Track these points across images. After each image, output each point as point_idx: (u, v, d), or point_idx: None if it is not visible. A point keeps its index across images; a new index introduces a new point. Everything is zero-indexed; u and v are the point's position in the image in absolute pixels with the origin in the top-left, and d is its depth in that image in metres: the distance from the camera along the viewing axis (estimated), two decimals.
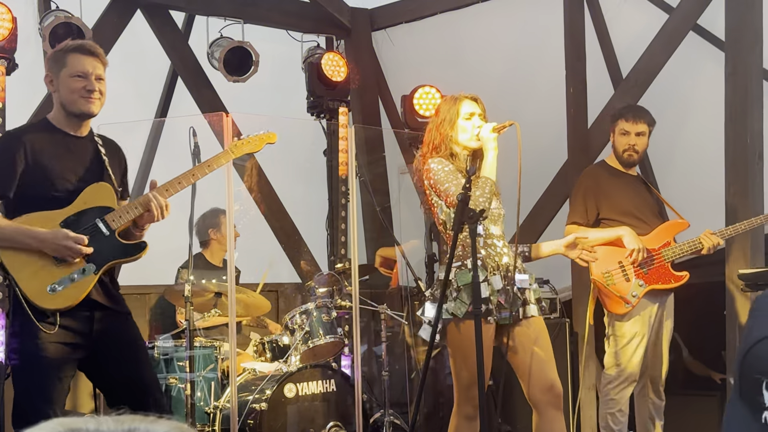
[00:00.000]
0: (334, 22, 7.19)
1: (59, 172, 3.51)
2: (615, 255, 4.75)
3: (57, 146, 3.55)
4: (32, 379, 3.38)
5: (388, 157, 7.33)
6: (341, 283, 5.66)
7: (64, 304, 3.42)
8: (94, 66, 3.56)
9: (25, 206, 3.46)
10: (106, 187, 3.61)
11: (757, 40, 5.40)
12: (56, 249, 3.40)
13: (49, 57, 3.71)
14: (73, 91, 3.52)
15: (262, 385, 4.95)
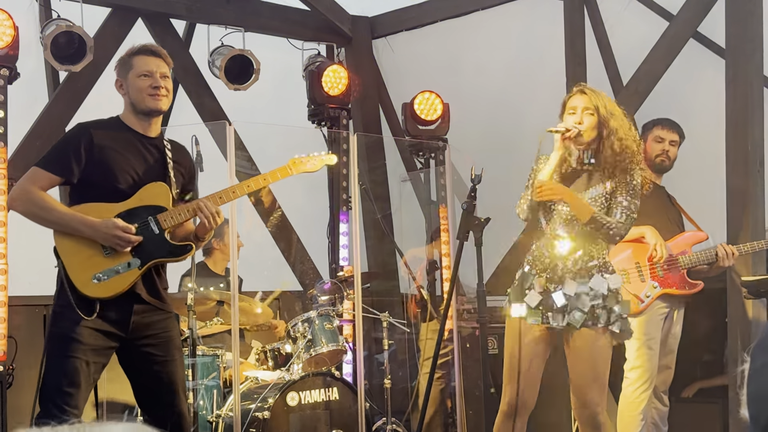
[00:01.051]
0: (334, 30, 7.21)
1: (122, 165, 3.67)
2: (635, 255, 4.78)
3: (124, 142, 3.72)
4: (60, 359, 3.50)
5: (388, 164, 7.33)
6: (343, 291, 5.66)
7: (105, 294, 3.55)
8: (158, 65, 3.77)
9: (87, 195, 3.64)
10: (164, 188, 3.77)
11: (757, 47, 5.42)
12: (106, 237, 3.55)
13: (117, 64, 3.87)
14: (140, 89, 3.71)
15: (265, 394, 4.94)
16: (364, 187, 5.80)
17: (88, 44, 5.66)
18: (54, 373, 3.52)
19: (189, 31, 7.02)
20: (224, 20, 6.68)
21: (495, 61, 6.97)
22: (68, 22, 5.72)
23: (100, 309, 3.55)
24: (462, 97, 6.83)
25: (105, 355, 3.63)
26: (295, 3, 6.95)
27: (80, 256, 3.56)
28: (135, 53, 3.79)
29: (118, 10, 6.35)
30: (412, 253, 6.66)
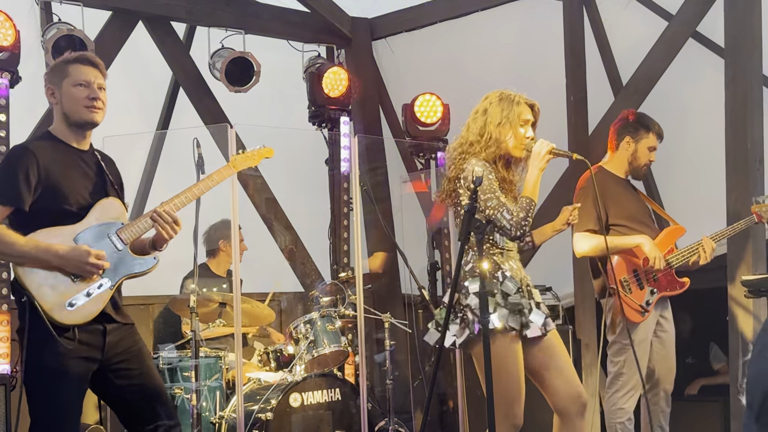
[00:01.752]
0: (334, 32, 7.22)
1: (70, 186, 3.50)
2: (629, 263, 4.72)
3: (66, 160, 3.54)
4: (52, 396, 3.37)
5: (389, 165, 7.35)
6: (344, 292, 5.67)
7: (83, 319, 3.41)
8: (96, 75, 3.58)
9: (37, 221, 3.42)
10: (116, 202, 3.64)
11: (756, 46, 5.43)
12: (78, 266, 3.39)
13: (49, 69, 3.71)
14: (76, 100, 3.53)
15: (267, 395, 4.96)
16: (365, 188, 5.80)
17: (89, 48, 5.68)
18: (48, 411, 3.37)
19: (189, 33, 7.04)
20: (224, 22, 6.69)
21: (494, 61, 6.98)
22: (69, 26, 5.74)
23: (79, 335, 3.41)
24: (462, 98, 6.81)
25: (87, 380, 3.49)
26: (294, 5, 6.96)
27: (48, 284, 3.38)
28: (71, 61, 3.59)
29: (119, 14, 6.36)
30: None
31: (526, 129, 3.82)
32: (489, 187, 3.68)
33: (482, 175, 3.61)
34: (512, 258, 3.83)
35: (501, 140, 3.79)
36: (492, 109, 3.85)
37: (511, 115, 3.79)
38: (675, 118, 6.35)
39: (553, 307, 5.86)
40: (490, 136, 3.80)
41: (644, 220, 4.87)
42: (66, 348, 3.34)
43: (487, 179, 3.68)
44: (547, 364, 3.78)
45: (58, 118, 3.60)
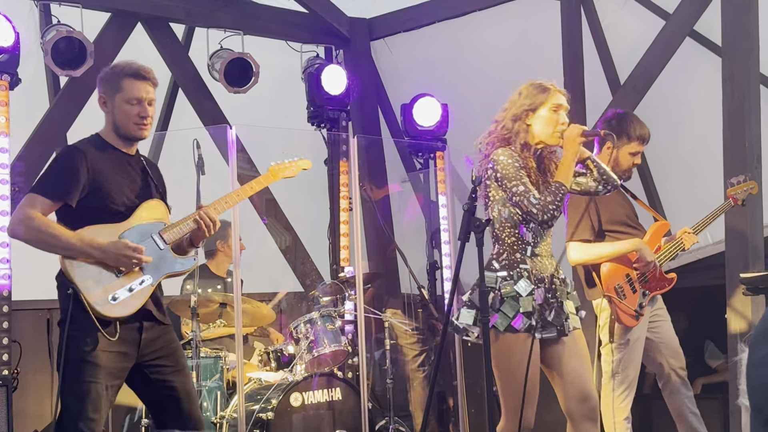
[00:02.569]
0: (333, 32, 7.24)
1: (117, 186, 3.67)
2: (620, 269, 4.71)
3: (113, 163, 3.70)
4: (83, 384, 3.47)
5: (388, 165, 7.36)
6: (344, 292, 5.69)
7: (124, 313, 3.56)
8: (147, 91, 3.73)
9: (84, 218, 3.58)
10: (161, 204, 3.82)
11: (753, 44, 5.45)
12: (117, 258, 3.54)
13: (103, 78, 3.79)
14: (128, 116, 3.68)
15: (268, 395, 4.98)
16: (365, 189, 5.82)
17: (89, 49, 5.69)
18: (77, 400, 3.48)
19: (188, 34, 7.05)
20: (223, 23, 6.71)
21: (493, 61, 7.00)
22: (68, 27, 5.75)
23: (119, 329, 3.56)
24: (460, 98, 6.86)
25: (121, 376, 3.62)
26: (293, 5, 6.98)
27: (93, 278, 3.55)
28: (126, 75, 3.72)
29: (118, 15, 6.38)
30: None
31: (558, 115, 3.73)
32: (515, 174, 3.60)
33: (481, 175, 3.61)
34: (539, 254, 3.72)
35: (522, 129, 3.70)
36: (518, 100, 3.79)
37: (536, 102, 3.71)
38: (672, 117, 6.38)
39: None
40: (511, 128, 3.74)
41: (633, 223, 4.85)
42: (107, 340, 3.49)
43: (513, 167, 3.61)
44: (559, 364, 3.72)
45: (108, 125, 3.76)
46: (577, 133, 3.65)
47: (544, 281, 3.66)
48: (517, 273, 3.64)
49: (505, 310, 3.58)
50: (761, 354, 1.19)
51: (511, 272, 3.64)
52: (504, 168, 3.62)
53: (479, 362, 5.16)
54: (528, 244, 3.68)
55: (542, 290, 3.64)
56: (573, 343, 3.75)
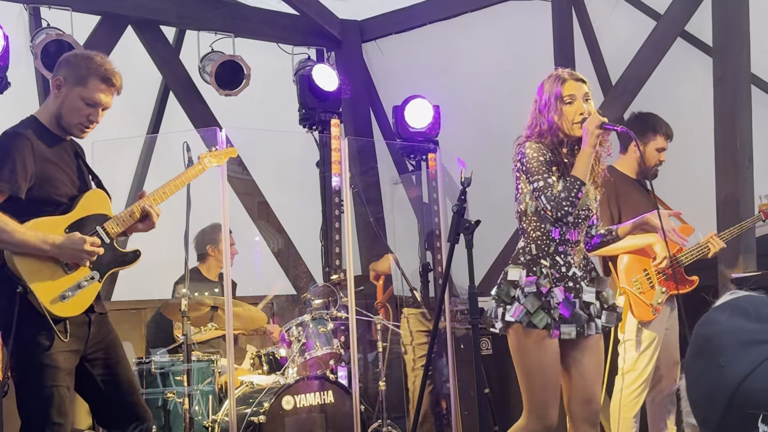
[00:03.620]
0: (324, 35, 7.23)
1: (59, 175, 3.48)
2: (639, 263, 4.74)
3: (54, 150, 3.49)
4: (45, 392, 3.32)
5: (380, 167, 7.35)
6: (337, 295, 5.67)
7: (75, 312, 3.42)
8: (108, 99, 3.54)
9: (28, 210, 3.37)
10: (102, 195, 3.64)
11: (744, 44, 5.45)
12: (73, 254, 3.39)
13: (69, 63, 3.56)
14: (77, 114, 3.49)
15: (260, 398, 4.95)
16: (356, 191, 5.81)
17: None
18: (41, 407, 3.31)
19: (179, 37, 7.04)
20: (214, 26, 6.70)
21: (484, 62, 7.00)
22: (58, 31, 5.74)
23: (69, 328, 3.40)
24: (452, 99, 6.86)
25: (73, 374, 3.45)
26: (284, 8, 6.97)
27: (44, 276, 3.35)
28: (95, 75, 3.50)
29: (108, 18, 6.36)
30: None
31: (575, 106, 3.62)
32: (537, 168, 3.54)
33: (471, 176, 3.58)
34: (566, 251, 3.62)
35: (552, 124, 3.61)
36: (537, 95, 3.73)
37: (554, 93, 3.62)
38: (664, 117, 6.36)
39: None
40: (536, 124, 3.67)
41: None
42: (60, 341, 3.32)
43: (537, 161, 3.54)
44: (573, 363, 3.66)
45: (51, 110, 3.53)
46: (596, 125, 3.52)
47: (565, 279, 3.57)
48: (539, 269, 3.56)
49: (526, 305, 3.51)
50: (697, 370, 1.27)
51: (534, 268, 3.56)
52: (529, 161, 3.56)
53: (471, 364, 5.16)
54: (553, 241, 3.60)
55: (562, 288, 3.55)
56: (589, 343, 3.67)
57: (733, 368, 1.17)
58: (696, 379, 1.25)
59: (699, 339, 1.27)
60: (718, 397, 1.18)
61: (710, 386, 1.20)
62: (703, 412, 1.22)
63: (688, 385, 1.27)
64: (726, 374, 1.18)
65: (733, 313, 1.24)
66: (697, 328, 1.28)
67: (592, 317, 3.63)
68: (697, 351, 1.26)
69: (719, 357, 1.20)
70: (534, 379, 3.52)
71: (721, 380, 1.18)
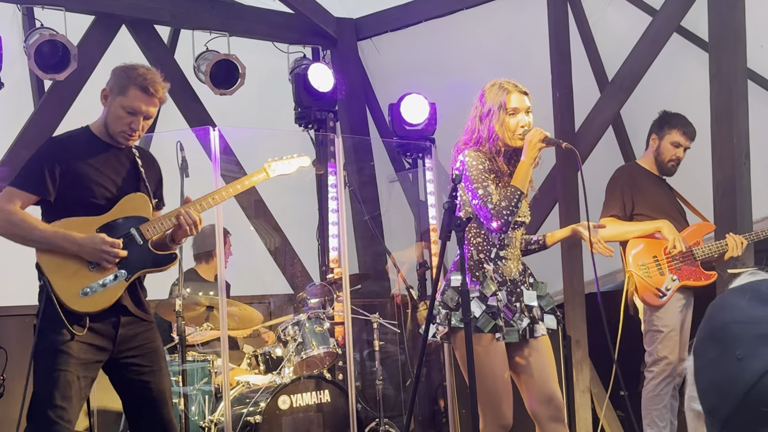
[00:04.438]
0: (319, 33, 7.21)
1: (98, 179, 3.61)
2: (651, 249, 4.86)
3: (97, 155, 3.65)
4: (51, 372, 3.42)
5: (376, 165, 7.34)
6: (333, 294, 5.66)
7: (94, 308, 3.51)
8: (149, 107, 3.65)
9: (64, 211, 3.56)
10: (143, 198, 3.73)
11: (740, 40, 5.43)
12: (93, 253, 3.51)
13: (115, 73, 3.71)
14: (119, 123, 3.62)
15: (256, 398, 4.94)
16: (352, 189, 5.80)
17: (72, 52, 5.66)
18: (45, 387, 3.43)
19: (173, 36, 7.01)
20: (208, 25, 6.67)
21: (480, 59, 6.98)
22: (52, 31, 5.71)
23: (90, 323, 3.51)
24: (448, 97, 6.83)
25: (94, 369, 3.56)
26: (279, 6, 6.94)
27: (66, 272, 3.51)
28: (135, 84, 3.62)
29: (102, 18, 6.33)
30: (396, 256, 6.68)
31: (518, 118, 3.66)
32: (477, 176, 3.59)
33: (461, 173, 3.58)
34: (505, 257, 3.70)
35: (492, 133, 3.66)
36: (479, 102, 3.76)
37: (496, 103, 3.66)
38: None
39: None
40: (476, 130, 3.70)
41: (671, 214, 4.99)
42: (73, 334, 3.44)
43: (476, 169, 3.60)
44: (523, 366, 3.70)
45: (100, 119, 3.70)
46: (538, 138, 3.59)
47: (507, 284, 3.65)
48: (482, 273, 3.62)
49: (472, 310, 3.53)
50: (710, 356, 1.19)
51: (477, 273, 3.62)
52: (469, 169, 3.60)
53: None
54: (494, 246, 3.67)
55: (504, 293, 3.63)
56: (538, 344, 3.73)
57: (750, 363, 1.12)
58: (707, 366, 1.19)
59: (715, 324, 1.21)
60: (732, 390, 1.13)
61: (724, 377, 1.15)
62: (713, 402, 1.17)
63: (698, 369, 1.21)
64: (743, 368, 1.13)
65: (753, 299, 1.17)
66: (712, 311, 1.22)
67: (536, 320, 3.69)
68: (711, 336, 1.20)
69: (736, 348, 1.15)
70: (485, 382, 3.53)
71: (737, 373, 1.13)
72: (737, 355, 1.14)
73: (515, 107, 3.66)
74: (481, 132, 3.68)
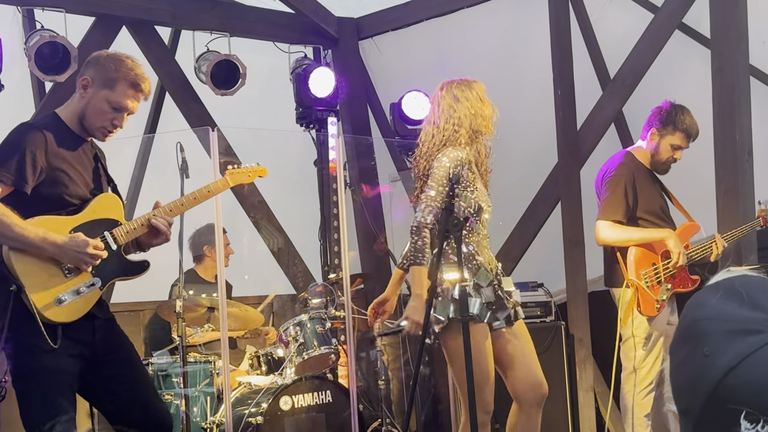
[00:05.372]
0: (320, 33, 7.19)
1: (73, 175, 3.37)
2: (648, 256, 4.71)
3: (71, 149, 3.40)
4: (49, 395, 3.22)
5: (379, 164, 7.32)
6: (335, 294, 5.65)
7: (69, 317, 3.27)
8: (134, 105, 3.47)
9: (34, 207, 3.26)
10: (115, 199, 3.54)
11: (742, 36, 5.40)
12: (74, 256, 3.25)
13: (99, 62, 3.46)
14: (101, 117, 3.40)
15: (258, 399, 4.93)
16: (353, 189, 5.79)
17: (72, 54, 5.65)
18: (47, 411, 3.21)
19: (174, 37, 7.00)
20: (209, 26, 6.66)
21: (481, 57, 6.96)
22: (52, 33, 5.71)
23: (65, 332, 3.26)
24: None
25: (77, 378, 3.35)
26: (280, 6, 6.93)
27: (41, 277, 3.21)
28: (125, 79, 3.41)
29: (102, 19, 6.32)
30: None
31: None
32: (440, 179, 3.67)
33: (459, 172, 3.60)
34: (486, 246, 3.86)
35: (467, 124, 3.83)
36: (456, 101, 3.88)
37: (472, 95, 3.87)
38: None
39: (545, 303, 5.84)
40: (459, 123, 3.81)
41: (666, 216, 4.88)
42: (52, 346, 3.18)
43: (441, 171, 3.69)
44: (509, 351, 3.80)
45: (74, 108, 3.45)
46: None
47: (493, 272, 3.78)
48: (474, 265, 3.71)
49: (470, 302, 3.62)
50: (681, 356, 1.16)
51: (469, 265, 3.70)
52: (437, 170, 3.69)
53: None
54: (485, 237, 3.83)
55: (492, 281, 3.76)
56: (517, 330, 3.84)
57: (717, 359, 1.09)
58: (679, 366, 1.16)
59: (686, 322, 1.18)
60: (699, 388, 1.09)
61: (693, 375, 1.11)
62: (685, 402, 1.14)
63: (672, 369, 1.18)
64: (709, 364, 1.09)
65: (724, 296, 1.14)
66: (685, 310, 1.19)
67: (515, 305, 3.83)
68: (682, 335, 1.18)
69: (704, 345, 1.11)
70: (480, 371, 3.58)
71: (704, 370, 1.10)
72: (704, 351, 1.11)
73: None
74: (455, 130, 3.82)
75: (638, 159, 4.90)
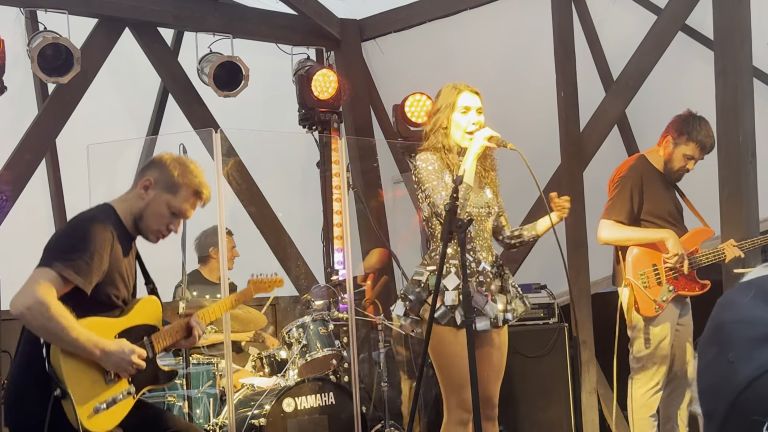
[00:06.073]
0: (323, 34, 7.19)
1: (123, 276, 3.28)
2: (650, 255, 4.70)
3: (126, 249, 3.31)
4: None
5: (381, 166, 7.32)
6: (338, 295, 5.64)
7: (107, 427, 3.12)
8: (192, 212, 3.41)
9: (90, 306, 3.12)
10: (157, 304, 3.47)
11: (745, 38, 5.40)
12: (118, 363, 3.11)
13: (162, 165, 3.38)
14: (159, 221, 3.33)
15: (261, 401, 4.93)
16: (356, 190, 5.78)
17: (75, 56, 5.65)
18: None
19: (177, 39, 7.00)
20: (212, 27, 6.66)
21: (484, 59, 6.96)
22: (55, 34, 5.70)
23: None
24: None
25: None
26: (282, 8, 6.93)
27: (84, 384, 3.04)
28: (190, 187, 3.34)
29: (105, 21, 6.32)
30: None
31: (468, 117, 3.75)
32: (427, 176, 3.69)
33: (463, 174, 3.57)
34: (474, 249, 3.73)
35: (439, 129, 3.76)
36: (436, 103, 3.86)
37: (447, 102, 3.75)
38: (666, 112, 6.27)
39: (548, 305, 5.84)
40: (430, 126, 3.81)
41: (673, 220, 4.86)
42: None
43: (426, 170, 3.70)
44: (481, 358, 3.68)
45: (131, 208, 3.34)
46: (483, 135, 3.64)
47: (476, 274, 3.68)
48: (446, 268, 3.63)
49: (430, 303, 3.59)
50: (709, 358, 1.12)
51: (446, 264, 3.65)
52: (419, 172, 3.72)
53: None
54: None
55: (475, 282, 3.66)
56: (498, 338, 3.80)
57: (740, 367, 1.04)
58: (706, 368, 1.11)
59: (714, 323, 1.13)
60: (723, 395, 1.05)
61: (717, 381, 1.07)
62: (708, 406, 1.10)
63: (699, 371, 1.13)
64: (733, 372, 1.04)
65: (756, 296, 1.07)
66: (716, 308, 1.14)
67: (504, 310, 3.75)
68: (711, 336, 1.12)
69: (729, 350, 1.06)
70: (451, 366, 3.61)
71: (727, 378, 1.05)
72: (729, 357, 1.06)
73: (466, 105, 3.74)
74: (434, 133, 3.77)
75: (651, 162, 4.90)
